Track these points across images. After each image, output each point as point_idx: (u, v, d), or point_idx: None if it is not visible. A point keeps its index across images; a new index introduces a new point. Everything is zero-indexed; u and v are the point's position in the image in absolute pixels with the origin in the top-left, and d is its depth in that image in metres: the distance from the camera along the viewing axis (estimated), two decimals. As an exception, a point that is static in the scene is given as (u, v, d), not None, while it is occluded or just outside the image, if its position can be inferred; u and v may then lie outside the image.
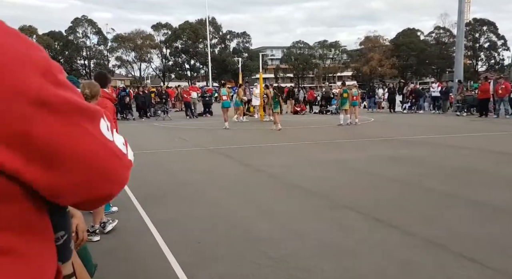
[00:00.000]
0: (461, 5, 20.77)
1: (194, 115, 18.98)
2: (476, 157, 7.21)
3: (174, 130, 13.56)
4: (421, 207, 4.23)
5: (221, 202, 4.59)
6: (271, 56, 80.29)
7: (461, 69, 20.65)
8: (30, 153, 0.51)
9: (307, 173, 6.10)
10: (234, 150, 8.63)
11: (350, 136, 10.59)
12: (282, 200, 4.64)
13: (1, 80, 0.48)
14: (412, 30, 61.68)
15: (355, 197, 4.68)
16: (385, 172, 5.98)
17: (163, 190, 5.20)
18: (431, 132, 11.25)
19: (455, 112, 18.10)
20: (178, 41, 61.43)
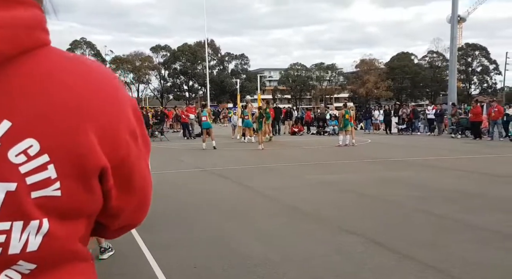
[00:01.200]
0: (454, 31, 21.27)
1: (192, 136, 18.99)
2: (472, 179, 7.21)
3: (171, 151, 13.53)
4: (420, 230, 4.19)
5: (218, 225, 4.53)
6: (269, 78, 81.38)
7: (454, 92, 20.93)
8: (119, 176, 0.59)
9: (305, 195, 6.06)
10: (232, 171, 8.59)
11: (348, 157, 10.60)
12: (280, 223, 4.59)
13: (115, 112, 0.57)
14: (406, 54, 62.98)
15: (354, 220, 4.63)
16: (383, 194, 5.94)
17: (158, 213, 5.13)
18: (427, 154, 11.29)
19: (450, 135, 18.24)
20: (177, 63, 62.20)
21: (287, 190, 6.41)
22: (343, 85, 67.19)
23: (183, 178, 7.91)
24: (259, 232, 4.25)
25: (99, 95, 0.56)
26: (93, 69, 0.58)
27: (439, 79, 59.41)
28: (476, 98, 26.54)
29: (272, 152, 12.77)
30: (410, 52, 63.60)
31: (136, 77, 60.01)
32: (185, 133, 19.06)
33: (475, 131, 16.38)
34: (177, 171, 8.84)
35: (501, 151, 11.77)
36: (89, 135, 0.53)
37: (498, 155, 11.03)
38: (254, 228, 4.38)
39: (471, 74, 60.40)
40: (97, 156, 0.54)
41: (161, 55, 63.02)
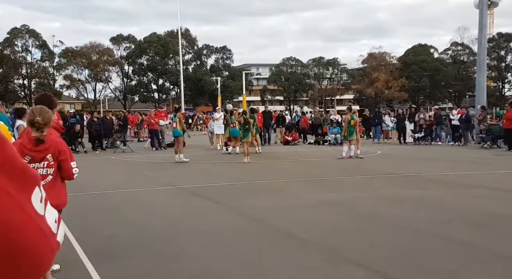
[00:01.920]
0: (483, 18, 21.42)
1: (162, 146, 18.97)
2: (504, 200, 7.39)
3: (136, 165, 13.48)
4: (438, 261, 4.29)
5: (196, 255, 4.55)
6: (257, 75, 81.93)
7: (483, 93, 21.33)
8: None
9: (301, 217, 6.13)
10: (212, 189, 8.62)
11: (352, 172, 10.74)
12: (271, 251, 4.64)
13: None
14: (424, 47, 64.27)
15: (358, 248, 4.71)
16: (393, 217, 6.05)
17: (120, 241, 5.12)
18: (448, 168, 11.51)
19: (478, 145, 18.62)
20: (144, 57, 62.22)
21: (279, 212, 6.46)
22: (347, 84, 67.96)
23: (151, 198, 7.91)
24: (246, 263, 4.28)
25: None
26: None
27: (464, 77, 60.61)
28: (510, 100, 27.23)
29: (261, 165, 12.84)
30: (429, 45, 65.00)
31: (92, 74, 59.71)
32: (153, 143, 19.02)
33: (509, 141, 16.72)
34: (144, 189, 8.83)
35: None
36: None
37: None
38: (240, 258, 4.42)
39: (504, 70, 61.73)
40: None
41: (124, 48, 63.02)
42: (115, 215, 6.56)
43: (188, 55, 65.60)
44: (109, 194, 8.35)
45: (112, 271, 4.11)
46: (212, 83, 58.70)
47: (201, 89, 62.86)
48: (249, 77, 65.11)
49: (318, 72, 68.33)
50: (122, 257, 4.55)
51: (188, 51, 65.42)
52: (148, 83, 64.25)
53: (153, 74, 63.40)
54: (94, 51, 59.48)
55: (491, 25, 59.12)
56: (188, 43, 64.79)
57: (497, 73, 61.11)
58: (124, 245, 4.96)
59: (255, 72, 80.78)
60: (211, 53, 67.40)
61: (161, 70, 62.29)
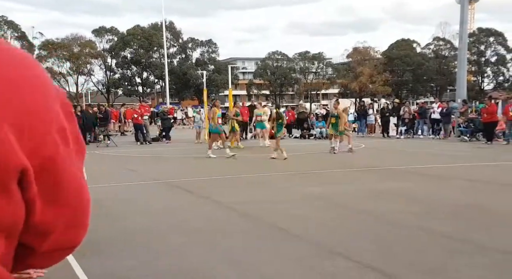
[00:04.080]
0: (464, 13, 21.81)
1: (146, 141, 18.80)
2: (486, 192, 7.50)
3: (120, 159, 13.34)
4: (424, 253, 4.33)
5: (181, 251, 4.51)
6: (243, 69, 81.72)
7: (464, 87, 21.65)
8: (45, 182, 0.59)
9: (287, 211, 6.13)
10: (197, 183, 8.57)
11: (338, 166, 10.80)
12: (257, 245, 4.62)
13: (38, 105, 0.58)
14: (407, 41, 64.73)
15: (344, 240, 4.73)
16: (380, 210, 6.10)
17: (103, 236, 5.05)
18: (430, 161, 11.65)
19: (458, 138, 18.89)
20: (127, 50, 61.42)
21: (265, 206, 6.46)
22: (332, 79, 68.26)
23: (136, 192, 7.83)
24: (233, 258, 4.26)
25: (16, 85, 0.57)
26: (7, 52, 0.59)
27: (446, 72, 61.34)
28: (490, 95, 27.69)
29: (247, 159, 12.82)
30: (411, 39, 65.48)
31: (74, 67, 58.64)
32: (137, 137, 18.84)
33: (488, 134, 17.01)
34: (129, 184, 8.74)
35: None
36: (4, 131, 0.54)
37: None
38: (226, 254, 4.39)
39: (484, 65, 62.59)
40: (14, 154, 0.55)
41: (107, 40, 62.04)
42: (98, 210, 6.46)
43: (173, 48, 65.02)
44: (91, 189, 8.18)
45: (96, 267, 4.05)
46: (198, 77, 58.31)
47: (186, 83, 62.44)
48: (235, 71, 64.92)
49: (304, 66, 68.43)
50: (105, 253, 4.49)
51: (173, 44, 64.82)
52: (132, 77, 63.51)
53: (137, 68, 62.66)
54: (75, 44, 58.34)
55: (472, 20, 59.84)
56: (173, 36, 64.17)
57: (477, 67, 61.98)
58: (107, 240, 4.90)
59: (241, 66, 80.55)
60: (196, 47, 66.91)
61: (145, 64, 61.60)
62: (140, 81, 63.93)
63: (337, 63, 69.03)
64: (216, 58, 66.83)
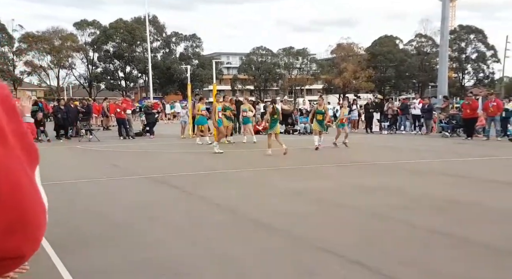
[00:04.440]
0: (445, 10, 22.15)
1: (129, 136, 18.62)
2: (464, 186, 7.64)
3: (103, 154, 13.18)
4: (404, 246, 4.38)
5: (162, 245, 4.49)
6: (227, 64, 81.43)
7: (445, 83, 21.97)
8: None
9: (269, 206, 6.15)
10: (181, 178, 8.53)
11: (321, 161, 10.86)
12: (239, 240, 4.62)
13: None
14: (390, 38, 65.31)
15: (329, 235, 4.76)
16: (360, 204, 6.15)
17: (85, 232, 5.00)
18: (412, 156, 11.81)
19: (440, 133, 19.18)
20: (110, 44, 60.61)
21: (250, 201, 6.46)
22: (317, 74, 68.51)
23: (118, 188, 7.76)
24: (215, 253, 4.26)
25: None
26: None
27: (427, 68, 62.08)
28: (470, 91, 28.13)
29: (232, 154, 12.80)
30: (394, 36, 66.06)
31: (55, 60, 57.57)
32: (120, 132, 18.65)
33: (469, 130, 17.29)
34: (111, 179, 8.65)
35: (499, 153, 12.55)
36: None
37: (496, 157, 11.75)
38: (209, 249, 4.38)
39: (464, 62, 63.51)
40: None
41: (89, 33, 61.10)
42: (80, 205, 6.39)
43: (157, 42, 64.37)
44: (73, 184, 8.13)
45: (78, 263, 4.00)
46: (182, 71, 57.86)
47: (170, 78, 61.93)
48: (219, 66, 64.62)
49: (288, 62, 68.50)
50: (87, 248, 4.44)
51: (156, 39, 64.17)
52: (114, 71, 62.70)
53: (119, 62, 61.88)
54: (56, 37, 57.26)
55: (453, 18, 60.66)
56: (156, 30, 63.52)
57: (458, 64, 62.84)
58: (89, 236, 4.84)
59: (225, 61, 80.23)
60: (180, 41, 66.36)
61: (128, 58, 60.88)
62: (123, 75, 63.18)
63: (321, 59, 69.29)
64: (200, 53, 66.41)
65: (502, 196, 6.76)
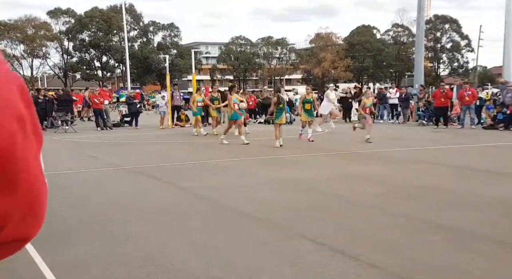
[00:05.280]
0: (421, 0, 22.46)
1: (107, 126, 18.34)
2: (442, 173, 7.81)
3: (80, 145, 12.97)
4: (384, 233, 4.46)
5: (144, 236, 4.46)
6: (206, 54, 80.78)
7: (421, 72, 22.29)
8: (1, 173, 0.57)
9: (254, 195, 6.16)
10: (162, 169, 8.46)
11: (303, 150, 10.92)
12: (223, 230, 4.63)
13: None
14: (368, 28, 65.80)
15: (311, 224, 4.81)
16: (341, 192, 6.23)
17: (65, 224, 4.92)
18: (390, 145, 12.00)
19: (417, 122, 19.51)
20: (85, 33, 59.33)
21: (231, 191, 6.47)
22: (296, 64, 68.62)
23: (96, 179, 7.65)
24: (196, 243, 4.25)
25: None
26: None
27: (404, 58, 62.91)
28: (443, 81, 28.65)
29: (213, 145, 12.76)
30: (372, 26, 66.57)
31: (28, 49, 56.02)
32: (98, 123, 18.34)
33: (444, 118, 17.60)
34: (89, 170, 8.52)
35: (474, 141, 12.86)
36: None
37: (470, 145, 12.03)
38: (190, 239, 4.37)
39: (440, 51, 64.57)
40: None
41: (63, 22, 59.65)
42: (59, 197, 6.28)
43: (134, 31, 63.29)
44: (50, 176, 7.96)
45: (59, 256, 3.94)
46: (160, 61, 57.18)
47: (148, 68, 61.10)
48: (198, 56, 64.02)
49: (267, 51, 68.41)
50: (68, 241, 4.37)
51: (134, 28, 63.07)
52: (90, 60, 61.48)
53: (96, 51, 60.69)
54: (29, 25, 55.71)
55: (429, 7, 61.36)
56: (133, 19, 62.41)
57: (434, 54, 63.83)
58: (70, 228, 4.77)
59: (204, 51, 79.55)
60: (158, 30, 65.44)
61: (104, 47, 59.71)
62: (100, 65, 62.00)
63: (300, 49, 69.38)
64: (178, 43, 65.67)
65: (476, 182, 6.94)
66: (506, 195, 6.03)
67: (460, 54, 64.77)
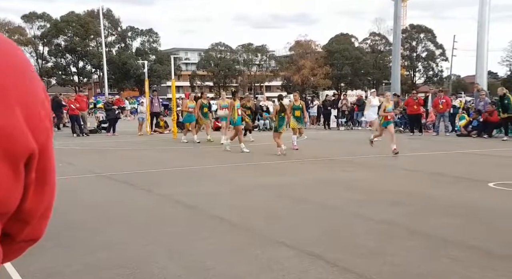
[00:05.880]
0: (397, 9, 22.99)
1: (83, 133, 18.05)
2: (416, 180, 7.95)
3: (57, 152, 12.66)
4: (361, 239, 4.51)
5: (120, 244, 4.39)
6: (186, 60, 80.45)
7: (398, 80, 22.80)
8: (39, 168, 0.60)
9: (231, 202, 6.15)
10: (140, 176, 8.36)
11: (282, 157, 10.95)
12: (199, 236, 4.60)
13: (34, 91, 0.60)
14: (346, 36, 66.79)
15: (288, 229, 4.82)
16: (320, 199, 6.28)
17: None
18: (368, 151, 12.15)
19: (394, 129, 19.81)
20: (61, 37, 58.37)
21: (210, 198, 6.44)
22: (276, 71, 69.01)
23: (72, 186, 7.50)
24: (173, 250, 4.21)
25: (17, 70, 0.58)
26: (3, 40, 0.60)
27: (381, 66, 64.01)
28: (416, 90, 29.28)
29: (192, 151, 12.69)
30: (350, 34, 67.58)
31: (2, 54, 54.82)
32: (74, 129, 18.03)
33: (417, 125, 17.96)
34: (65, 178, 8.34)
35: (448, 147, 13.13)
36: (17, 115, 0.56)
37: (445, 151, 12.29)
38: (168, 245, 4.33)
39: (415, 60, 66.03)
40: (27, 137, 0.56)
41: (38, 27, 58.66)
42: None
43: (111, 37, 62.63)
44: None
45: (31, 265, 3.85)
46: (138, 67, 56.65)
47: (126, 73, 60.46)
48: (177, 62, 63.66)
49: (247, 58, 68.59)
50: (41, 249, 4.26)
51: (111, 33, 62.43)
52: (66, 66, 60.47)
53: (72, 56, 59.73)
54: (3, 29, 54.59)
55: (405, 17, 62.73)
56: (111, 24, 61.79)
57: (410, 62, 65.24)
58: (44, 237, 4.65)
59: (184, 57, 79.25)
60: (137, 36, 64.91)
61: (81, 52, 58.84)
62: (76, 70, 61.03)
63: (280, 56, 69.85)
64: (157, 48, 65.27)
65: (450, 188, 7.09)
66: (479, 201, 6.18)
67: (435, 63, 66.36)
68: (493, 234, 4.64)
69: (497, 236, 4.55)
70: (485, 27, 18.47)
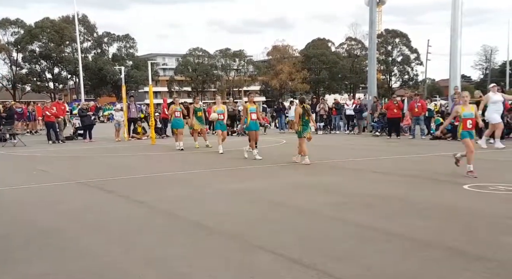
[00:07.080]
0: (373, 14, 23.39)
1: (59, 140, 17.70)
2: (392, 182, 8.06)
3: (31, 159, 12.44)
4: (337, 242, 4.55)
5: (95, 251, 4.32)
6: (163, 66, 79.95)
7: (374, 84, 23.07)
8: None
9: (211, 207, 6.13)
10: (118, 183, 8.25)
11: (260, 162, 10.96)
12: (176, 243, 4.56)
13: None
14: (323, 41, 67.55)
15: (266, 234, 4.83)
16: (297, 203, 6.30)
17: (13, 242, 4.70)
18: (345, 155, 12.29)
19: (371, 133, 20.09)
20: (35, 43, 57.31)
21: (187, 203, 6.40)
22: (254, 76, 69.22)
23: (48, 194, 7.36)
24: (150, 257, 4.16)
25: None
26: None
27: (358, 70, 64.93)
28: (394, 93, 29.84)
29: (170, 157, 12.59)
30: (327, 39, 68.37)
31: (-26, 60, 53.43)
32: (49, 136, 17.67)
33: (396, 129, 18.26)
34: (40, 185, 8.17)
35: (423, 150, 13.38)
36: None
37: (420, 154, 12.52)
38: (143, 253, 4.28)
39: (391, 64, 67.22)
40: None
41: (11, 33, 57.47)
42: (6, 213, 5.99)
43: (87, 42, 61.82)
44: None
45: (6, 275, 3.74)
46: (115, 72, 56.01)
47: (103, 79, 59.74)
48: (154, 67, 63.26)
49: (225, 63, 68.61)
50: (16, 259, 4.16)
51: (87, 39, 61.65)
52: (41, 72, 59.34)
53: (47, 62, 58.68)
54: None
55: (380, 22, 63.92)
56: (87, 30, 61.03)
57: (385, 66, 66.35)
58: (18, 246, 4.55)
59: (161, 62, 78.71)
60: (113, 42, 64.28)
61: (56, 58, 57.86)
62: (51, 76, 59.92)
63: (258, 61, 70.12)
64: (134, 54, 64.76)
65: (426, 191, 7.21)
66: (454, 202, 6.31)
67: (410, 67, 67.66)
68: (468, 235, 4.73)
69: (472, 237, 4.64)
70: (458, 31, 18.88)
